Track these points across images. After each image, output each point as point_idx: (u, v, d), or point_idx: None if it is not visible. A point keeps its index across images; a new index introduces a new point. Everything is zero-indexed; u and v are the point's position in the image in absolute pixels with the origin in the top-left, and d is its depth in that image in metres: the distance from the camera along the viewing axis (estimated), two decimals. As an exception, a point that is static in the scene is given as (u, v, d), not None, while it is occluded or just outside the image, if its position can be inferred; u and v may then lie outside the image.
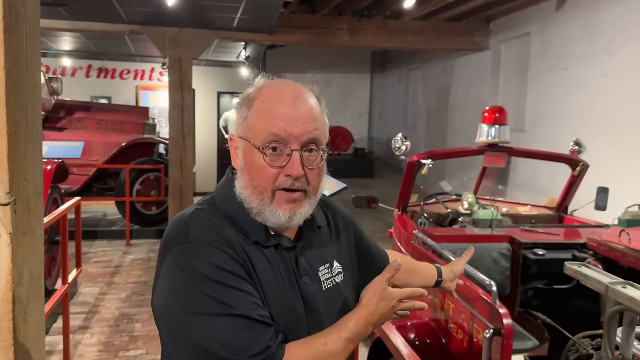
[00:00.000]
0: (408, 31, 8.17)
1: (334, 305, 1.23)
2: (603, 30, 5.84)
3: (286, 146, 1.11)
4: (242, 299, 1.04)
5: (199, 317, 1.03)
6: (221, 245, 1.08)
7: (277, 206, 1.12)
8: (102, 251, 7.06)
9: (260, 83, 1.20)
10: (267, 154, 1.11)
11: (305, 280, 1.19)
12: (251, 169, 1.14)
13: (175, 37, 7.16)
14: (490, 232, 3.42)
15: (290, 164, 1.11)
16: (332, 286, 1.24)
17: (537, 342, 2.95)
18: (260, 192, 1.13)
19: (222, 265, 1.05)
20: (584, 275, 1.58)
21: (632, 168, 5.28)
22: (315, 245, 1.25)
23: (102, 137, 8.21)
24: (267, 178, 1.12)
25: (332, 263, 1.27)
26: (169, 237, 1.13)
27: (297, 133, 1.11)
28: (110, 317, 4.78)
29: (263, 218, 1.14)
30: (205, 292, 1.03)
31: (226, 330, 1.02)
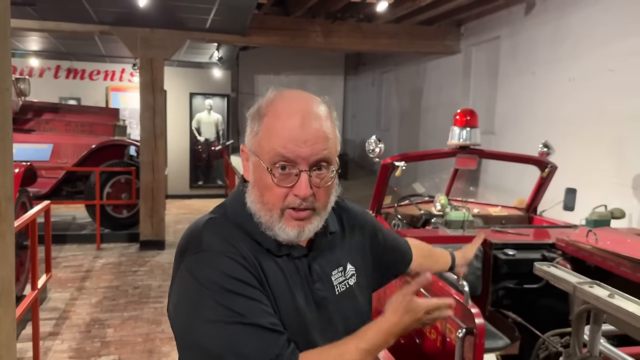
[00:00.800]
0: (381, 34, 8.25)
1: (347, 308, 1.24)
2: (570, 35, 5.99)
3: (295, 167, 1.12)
4: (253, 308, 1.05)
5: (211, 325, 1.04)
6: (233, 254, 1.09)
7: (286, 223, 1.14)
8: (72, 255, 6.93)
9: (272, 95, 1.18)
10: (275, 174, 1.12)
11: (318, 286, 1.20)
12: (260, 186, 1.15)
13: (147, 38, 7.08)
14: (462, 233, 3.47)
15: (299, 185, 1.12)
16: (345, 289, 1.25)
17: (508, 341, 3.00)
18: (269, 209, 1.14)
19: (233, 274, 1.07)
20: (553, 276, 1.62)
21: (598, 169, 5.42)
22: (328, 251, 1.26)
23: (72, 139, 8.07)
24: (276, 197, 1.13)
25: (346, 266, 1.28)
26: (183, 246, 1.15)
27: (305, 155, 1.11)
28: (82, 323, 4.70)
29: (272, 233, 1.15)
30: (217, 301, 1.04)
31: (237, 339, 1.03)
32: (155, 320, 4.76)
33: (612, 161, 5.26)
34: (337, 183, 1.23)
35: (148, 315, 4.90)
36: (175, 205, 10.79)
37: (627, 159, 5.09)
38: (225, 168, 11.05)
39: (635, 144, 5.00)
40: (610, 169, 5.27)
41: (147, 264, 6.64)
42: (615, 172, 5.21)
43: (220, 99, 12.46)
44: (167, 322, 4.06)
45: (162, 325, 4.64)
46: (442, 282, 2.67)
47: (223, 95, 12.45)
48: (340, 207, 1.35)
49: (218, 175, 12.59)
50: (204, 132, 12.26)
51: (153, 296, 5.45)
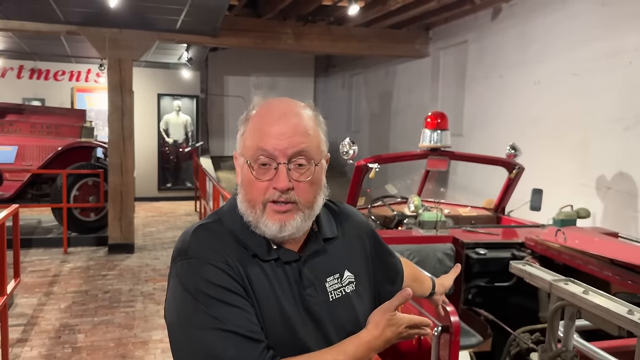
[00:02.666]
0: (351, 37, 8.32)
1: (342, 316, 1.23)
2: (536, 40, 6.16)
3: (274, 160, 1.15)
4: (233, 315, 1.08)
5: (191, 330, 1.08)
6: (217, 262, 1.12)
7: (268, 217, 1.16)
8: (38, 260, 6.77)
9: (257, 103, 1.24)
10: (254, 168, 1.16)
11: (309, 292, 1.20)
12: (245, 184, 1.19)
13: (115, 39, 6.97)
14: (435, 233, 3.54)
15: (277, 178, 1.15)
16: (340, 296, 1.24)
17: (481, 338, 3.08)
18: (253, 205, 1.17)
19: (216, 282, 1.09)
20: (529, 274, 1.68)
21: (563, 170, 5.59)
22: (322, 256, 1.25)
23: (37, 141, 7.89)
24: (258, 191, 1.16)
25: (343, 273, 1.27)
26: (174, 251, 1.19)
27: (282, 147, 1.15)
28: (51, 329, 4.60)
29: (259, 230, 1.18)
30: (198, 307, 1.08)
31: (215, 345, 1.06)
32: (127, 325, 4.69)
33: (577, 162, 5.44)
34: (324, 184, 1.24)
35: (119, 319, 4.83)
36: (144, 208, 10.64)
37: (591, 160, 5.27)
38: (195, 170, 10.95)
39: (599, 145, 5.18)
40: (575, 170, 5.44)
41: (117, 268, 6.53)
42: (579, 173, 5.39)
43: (189, 100, 12.33)
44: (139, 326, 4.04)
45: (134, 330, 4.57)
46: (417, 281, 2.72)
47: (192, 97, 12.32)
48: (341, 214, 1.36)
49: (187, 177, 12.46)
50: (173, 134, 12.12)
51: (124, 300, 5.37)
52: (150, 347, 4.20)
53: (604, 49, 5.15)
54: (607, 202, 5.06)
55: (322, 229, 1.26)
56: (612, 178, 5.02)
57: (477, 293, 3.42)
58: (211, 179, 7.43)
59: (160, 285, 5.87)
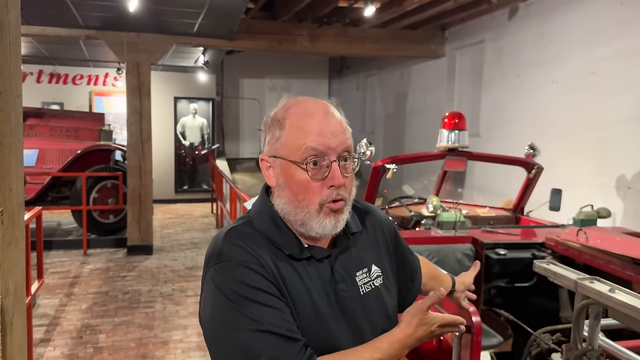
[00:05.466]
0: (367, 38, 8.32)
1: (373, 308, 1.26)
2: (553, 39, 6.12)
3: (324, 159, 1.17)
4: (270, 315, 1.09)
5: (230, 333, 1.09)
6: (251, 264, 1.13)
7: (324, 217, 1.18)
8: (59, 262, 6.86)
9: (286, 104, 1.24)
10: (308, 169, 1.17)
11: (341, 286, 1.22)
12: (293, 185, 1.19)
13: (134, 42, 7.05)
14: (454, 233, 3.53)
15: (332, 175, 1.17)
16: (370, 290, 1.27)
17: (501, 339, 3.07)
18: (306, 205, 1.18)
19: (252, 284, 1.11)
20: (553, 273, 1.68)
21: (582, 169, 5.54)
22: (351, 251, 1.28)
23: (57, 144, 8.01)
24: (313, 192, 1.18)
25: (370, 267, 1.30)
26: (207, 256, 1.21)
27: (333, 145, 1.17)
28: (73, 329, 4.67)
29: (307, 229, 1.19)
30: (236, 309, 1.09)
31: (254, 345, 1.07)
32: (147, 325, 4.74)
33: (596, 162, 5.39)
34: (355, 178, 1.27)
35: (139, 320, 4.88)
36: (161, 210, 10.74)
37: (610, 160, 5.22)
38: (211, 172, 11.02)
39: (618, 144, 5.13)
40: (594, 169, 5.39)
41: (136, 269, 6.60)
42: (599, 173, 5.33)
43: (205, 103, 12.43)
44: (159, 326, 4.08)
45: (154, 330, 4.62)
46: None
47: (208, 99, 12.42)
48: (363, 209, 1.39)
49: (204, 179, 12.55)
50: (189, 136, 12.22)
51: (143, 301, 5.43)
52: (170, 347, 4.24)
53: (622, 47, 5.10)
54: (628, 201, 5.01)
55: (349, 224, 1.27)
56: (632, 177, 4.96)
57: (497, 293, 3.41)
58: (227, 180, 7.48)
59: (179, 286, 5.93)
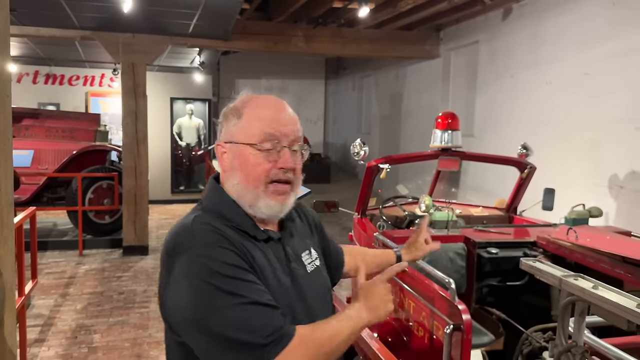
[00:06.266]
0: (362, 39, 8.35)
1: (319, 285, 1.42)
2: (547, 40, 6.14)
3: (278, 144, 1.29)
4: (252, 288, 1.17)
5: (219, 311, 1.14)
6: (225, 244, 1.20)
7: (270, 197, 1.30)
8: (54, 262, 6.86)
9: (244, 97, 1.37)
10: (262, 150, 1.28)
11: (294, 265, 1.35)
12: (246, 166, 1.30)
13: (129, 43, 7.06)
14: (446, 232, 3.54)
15: (283, 159, 1.30)
16: (314, 269, 1.42)
17: (493, 337, 3.08)
18: (255, 186, 1.29)
19: (230, 262, 1.18)
20: (539, 270, 1.70)
21: (575, 169, 5.57)
22: (295, 236, 1.43)
23: (52, 145, 8.00)
24: (263, 172, 1.29)
25: (311, 250, 1.45)
26: (176, 244, 1.24)
27: (287, 132, 1.31)
28: (67, 329, 4.67)
29: (255, 210, 1.30)
30: (220, 288, 1.15)
31: (243, 318, 1.13)
32: (142, 325, 4.75)
33: (589, 162, 5.41)
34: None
35: (134, 320, 4.89)
36: (157, 211, 10.73)
37: (603, 160, 5.25)
38: (207, 172, 11.03)
39: (611, 145, 5.16)
40: (587, 169, 5.42)
41: (131, 270, 6.61)
42: (592, 173, 5.36)
43: (201, 104, 12.42)
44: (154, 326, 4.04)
45: (149, 330, 4.63)
46: (427, 279, 2.73)
47: (204, 100, 12.41)
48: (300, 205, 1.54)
49: (200, 180, 12.54)
50: (186, 137, 12.21)
51: (138, 301, 5.43)
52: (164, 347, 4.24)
53: (616, 48, 5.13)
54: (620, 201, 5.04)
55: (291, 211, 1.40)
56: (625, 177, 4.99)
57: (489, 292, 3.43)
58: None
59: (174, 287, 5.91)
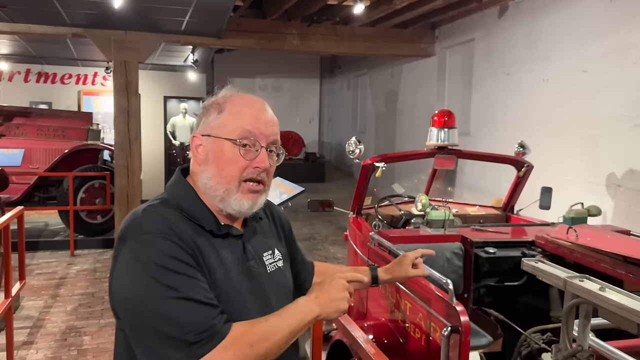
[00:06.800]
0: (357, 37, 8.27)
1: (279, 285, 1.41)
2: (543, 37, 6.09)
3: (255, 143, 1.29)
4: (189, 284, 1.16)
5: (154, 302, 1.14)
6: (171, 236, 1.19)
7: (242, 195, 1.30)
8: (45, 263, 6.76)
9: (227, 93, 1.36)
10: (240, 147, 1.28)
11: (252, 263, 1.35)
12: (221, 161, 1.29)
13: (121, 41, 6.96)
14: (443, 232, 3.48)
15: (260, 158, 1.30)
16: (275, 269, 1.42)
17: (491, 339, 3.01)
18: (227, 181, 1.29)
19: (172, 254, 1.17)
20: (541, 271, 1.63)
21: (572, 168, 5.51)
22: (259, 234, 1.43)
23: (44, 144, 7.90)
24: (237, 169, 1.29)
25: (274, 250, 1.45)
26: (124, 232, 1.24)
27: (266, 133, 1.31)
28: (57, 331, 4.58)
29: (225, 206, 1.30)
30: (157, 279, 1.14)
31: (176, 312, 1.13)
32: (134, 327, 4.65)
33: (586, 160, 5.36)
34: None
35: (126, 322, 4.79)
36: (151, 211, 10.62)
37: (600, 158, 5.20)
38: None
39: (609, 143, 5.11)
40: (585, 167, 5.37)
41: (123, 270, 6.50)
42: (589, 171, 5.31)
43: (195, 103, 12.32)
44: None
45: (140, 332, 4.53)
46: (424, 280, 2.66)
47: (198, 99, 12.32)
48: (268, 203, 1.51)
49: (194, 179, 12.43)
50: (179, 136, 12.12)
51: (130, 302, 5.34)
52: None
53: (613, 45, 5.08)
54: (618, 199, 4.99)
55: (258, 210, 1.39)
56: (623, 175, 4.94)
57: (486, 293, 3.36)
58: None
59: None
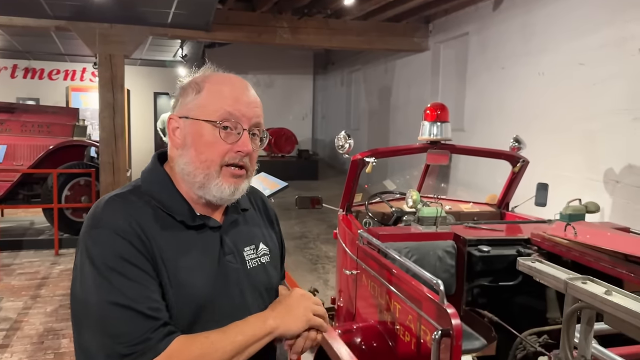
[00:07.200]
0: (349, 31, 8.11)
1: (259, 283, 1.30)
2: (539, 30, 5.95)
3: (237, 125, 1.21)
4: (133, 290, 1.08)
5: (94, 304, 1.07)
6: (127, 233, 1.11)
7: (223, 180, 1.21)
8: (28, 262, 6.57)
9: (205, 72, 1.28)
10: (220, 130, 1.19)
11: (229, 258, 1.25)
12: (200, 145, 1.20)
13: (106, 34, 6.78)
14: (435, 229, 3.33)
15: (242, 142, 1.20)
16: (257, 266, 1.31)
17: (484, 342, 2.87)
18: (207, 166, 1.20)
19: (123, 255, 1.09)
20: (539, 272, 1.48)
21: (569, 164, 5.38)
22: (241, 227, 1.33)
23: (28, 140, 7.69)
24: (218, 153, 1.20)
25: (258, 245, 1.34)
26: (85, 221, 1.18)
27: (249, 115, 1.22)
28: (34, 334, 4.40)
29: (205, 192, 1.21)
30: (101, 279, 1.07)
31: (112, 319, 1.06)
32: (115, 329, 4.48)
33: (583, 155, 5.22)
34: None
35: (107, 323, 4.63)
36: (140, 209, 10.46)
37: (598, 153, 5.06)
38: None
39: (606, 137, 4.97)
40: (582, 163, 5.23)
41: (108, 270, 6.33)
42: (586, 167, 5.17)
43: (186, 99, 12.15)
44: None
45: (121, 334, 4.37)
46: (415, 281, 2.53)
47: (189, 95, 12.15)
48: (255, 193, 1.44)
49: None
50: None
51: (113, 303, 5.17)
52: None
53: (611, 36, 4.93)
54: (616, 196, 4.85)
55: (241, 200, 1.31)
56: (621, 171, 4.80)
57: (480, 293, 3.22)
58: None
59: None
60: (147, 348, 1.05)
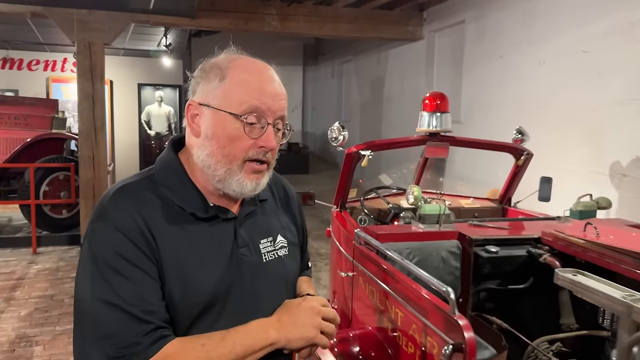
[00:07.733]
0: (340, 18, 7.80)
1: (276, 278, 1.27)
2: (539, 16, 5.73)
3: (261, 119, 1.16)
4: (128, 290, 1.05)
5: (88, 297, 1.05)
6: (128, 229, 1.08)
7: (245, 176, 1.17)
8: (3, 262, 6.26)
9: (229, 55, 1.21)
10: (245, 124, 1.14)
11: (243, 251, 1.21)
12: (222, 138, 1.15)
13: (85, 20, 6.43)
14: (438, 228, 3.09)
15: (266, 137, 1.16)
16: (274, 259, 1.28)
17: (494, 352, 2.61)
18: (229, 161, 1.16)
19: (122, 253, 1.06)
20: (585, 287, 1.22)
21: (572, 157, 5.18)
22: (257, 218, 1.29)
23: (3, 133, 7.37)
24: (242, 148, 1.16)
25: (276, 237, 1.31)
26: (93, 210, 1.15)
27: (275, 108, 1.17)
28: (5, 341, 4.11)
29: (224, 186, 1.17)
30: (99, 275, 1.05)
31: (104, 319, 1.04)
32: (93, 334, 4.20)
33: (588, 148, 5.01)
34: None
35: (85, 328, 4.34)
36: (125, 204, 10.15)
37: (603, 146, 4.84)
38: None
39: (612, 129, 4.76)
40: (586, 156, 5.02)
41: (89, 269, 6.03)
42: (591, 160, 4.96)
43: (171, 90, 11.82)
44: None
45: (100, 340, 4.09)
46: (418, 285, 2.29)
47: (174, 86, 11.81)
48: (277, 181, 1.39)
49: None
50: (155, 126, 11.60)
51: (92, 305, 4.88)
52: None
53: (617, 23, 4.71)
54: (623, 190, 4.63)
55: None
56: (628, 164, 4.59)
57: (487, 297, 2.98)
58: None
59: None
60: (134, 353, 1.02)
